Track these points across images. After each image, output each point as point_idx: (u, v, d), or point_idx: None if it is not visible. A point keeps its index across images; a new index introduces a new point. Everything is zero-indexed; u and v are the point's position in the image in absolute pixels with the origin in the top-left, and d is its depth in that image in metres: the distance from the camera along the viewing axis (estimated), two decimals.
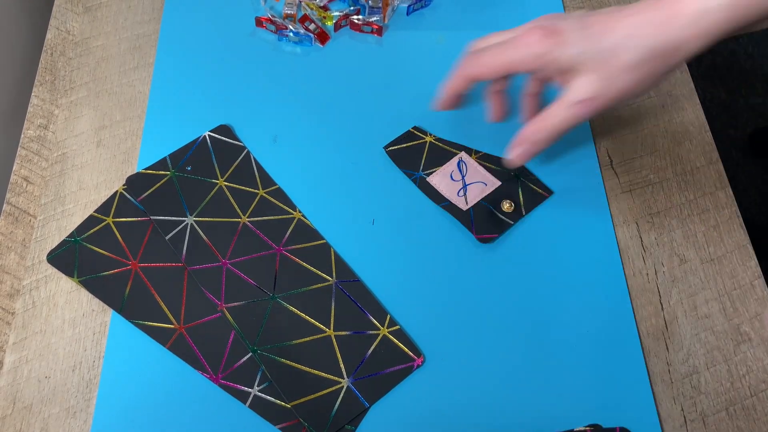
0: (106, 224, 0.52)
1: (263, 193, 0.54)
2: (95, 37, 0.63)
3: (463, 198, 0.53)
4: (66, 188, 0.54)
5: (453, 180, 0.54)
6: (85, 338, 0.48)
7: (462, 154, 0.55)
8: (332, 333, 0.48)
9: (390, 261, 0.51)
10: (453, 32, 0.64)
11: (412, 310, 0.49)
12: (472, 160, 0.55)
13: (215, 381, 0.46)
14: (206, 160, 0.55)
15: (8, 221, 0.53)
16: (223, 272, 0.50)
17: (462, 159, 0.55)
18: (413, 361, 0.47)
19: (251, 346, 0.47)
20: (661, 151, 0.58)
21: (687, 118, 0.60)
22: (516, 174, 0.55)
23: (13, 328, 0.48)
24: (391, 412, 0.46)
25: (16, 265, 0.51)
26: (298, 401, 0.45)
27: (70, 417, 0.45)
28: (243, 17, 0.63)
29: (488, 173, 0.54)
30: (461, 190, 0.53)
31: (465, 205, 0.53)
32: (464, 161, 0.55)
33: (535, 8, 0.65)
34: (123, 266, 0.50)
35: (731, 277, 0.52)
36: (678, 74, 0.63)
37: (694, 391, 0.48)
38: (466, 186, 0.54)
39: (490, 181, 0.54)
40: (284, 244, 0.51)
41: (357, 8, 0.64)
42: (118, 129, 0.57)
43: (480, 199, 0.53)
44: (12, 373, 0.47)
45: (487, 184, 0.54)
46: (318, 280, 0.50)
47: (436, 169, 0.55)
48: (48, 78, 0.60)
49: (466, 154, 0.56)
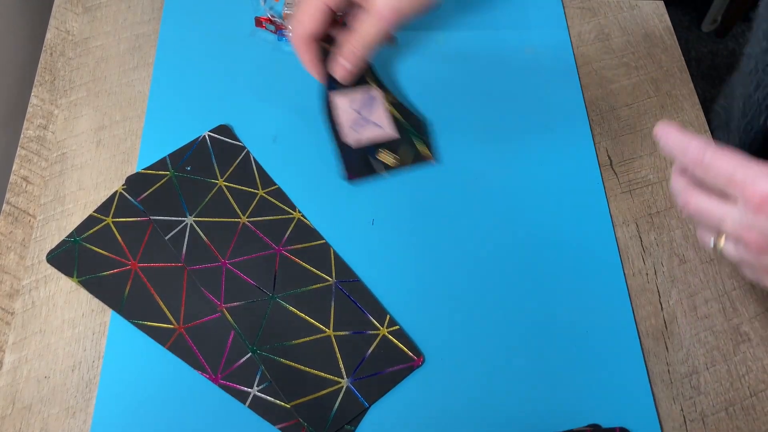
0: (105, 224, 0.52)
1: (263, 193, 0.54)
2: (95, 37, 0.63)
3: (354, 132, 0.52)
4: (66, 188, 0.54)
5: (354, 110, 0.54)
6: (85, 338, 0.48)
7: (376, 92, 0.55)
8: (332, 333, 0.48)
9: (390, 261, 0.51)
10: (453, 32, 0.64)
11: (412, 310, 0.49)
12: (384, 101, 0.55)
13: (215, 381, 0.46)
14: (206, 160, 0.55)
15: (8, 221, 0.53)
16: (222, 272, 0.50)
17: (374, 95, 0.55)
18: (413, 361, 0.47)
19: (251, 346, 0.47)
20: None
21: (687, 118, 0.60)
22: (413, 132, 0.54)
23: (13, 328, 0.48)
24: (390, 412, 0.46)
25: (16, 265, 0.51)
26: (297, 401, 0.45)
27: (69, 417, 0.45)
28: (243, 17, 0.63)
29: (390, 121, 0.54)
30: (356, 124, 0.53)
31: (351, 140, 0.52)
32: (375, 98, 0.54)
33: (534, 8, 0.66)
34: (122, 266, 0.50)
35: (731, 277, 0.52)
36: (678, 74, 0.63)
37: (693, 391, 0.48)
38: (363, 121, 0.53)
39: (387, 128, 0.54)
40: (284, 244, 0.51)
41: None
42: (117, 129, 0.57)
43: (368, 141, 0.53)
44: (11, 373, 0.47)
45: (383, 128, 0.54)
46: (318, 280, 0.50)
47: (346, 90, 0.55)
48: (48, 78, 0.60)
49: (381, 92, 0.55)
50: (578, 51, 0.64)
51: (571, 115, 0.59)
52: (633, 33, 0.66)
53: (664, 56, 0.64)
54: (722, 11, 1.63)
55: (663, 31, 0.66)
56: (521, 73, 0.62)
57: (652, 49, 0.65)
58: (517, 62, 0.62)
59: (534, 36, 0.64)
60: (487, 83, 0.61)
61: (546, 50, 0.63)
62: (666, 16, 0.67)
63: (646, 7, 0.68)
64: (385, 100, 0.54)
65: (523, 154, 0.57)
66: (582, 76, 0.62)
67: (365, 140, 0.53)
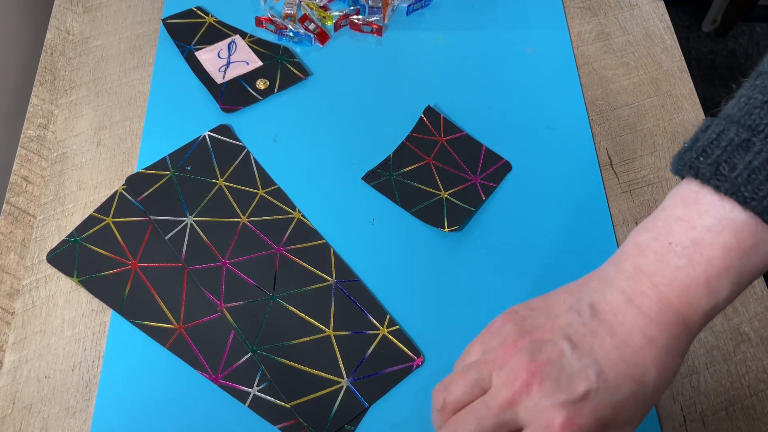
0: (105, 224, 0.52)
1: (263, 193, 0.54)
2: (95, 37, 0.63)
3: (222, 73, 0.57)
4: (66, 188, 0.54)
5: (219, 58, 0.58)
6: (85, 338, 0.48)
7: (236, 37, 0.60)
8: (332, 333, 0.48)
9: (390, 261, 0.51)
10: (453, 32, 0.64)
11: (412, 310, 0.49)
12: (244, 42, 0.59)
13: (215, 381, 0.46)
14: (206, 159, 0.55)
15: (8, 221, 0.53)
16: (222, 272, 0.50)
17: (234, 41, 0.59)
18: (413, 361, 0.47)
19: (251, 346, 0.47)
20: (661, 151, 0.58)
21: (687, 118, 0.60)
22: (279, 57, 0.59)
23: (13, 328, 0.48)
24: (390, 412, 0.46)
25: (16, 265, 0.51)
26: (297, 401, 0.45)
27: (69, 417, 0.45)
28: (243, 17, 0.63)
29: (254, 54, 0.59)
30: (223, 67, 0.57)
31: (221, 80, 0.57)
32: (236, 43, 0.59)
33: (534, 8, 0.66)
34: (123, 266, 0.50)
35: None
36: (678, 74, 0.63)
37: (693, 391, 0.48)
38: (229, 64, 0.58)
39: (253, 61, 0.58)
40: (284, 244, 0.51)
41: (357, 8, 0.64)
42: (117, 129, 0.57)
43: (237, 76, 0.57)
44: (12, 372, 0.47)
45: (249, 63, 0.58)
46: (318, 280, 0.50)
47: (206, 46, 0.59)
48: (48, 78, 0.60)
49: (240, 37, 0.60)
50: (578, 51, 0.64)
51: (571, 115, 0.59)
52: (633, 33, 0.66)
53: (664, 56, 0.64)
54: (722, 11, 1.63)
55: (663, 31, 0.66)
56: (521, 73, 0.62)
57: (652, 49, 0.65)
58: (517, 62, 0.62)
59: (534, 36, 0.64)
60: (487, 83, 0.61)
61: (546, 50, 0.63)
62: (666, 16, 0.67)
63: (646, 7, 0.68)
64: (245, 41, 0.60)
65: (524, 154, 0.57)
66: (582, 76, 0.62)
67: (231, 76, 0.58)
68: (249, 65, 0.59)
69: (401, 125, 0.57)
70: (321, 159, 0.56)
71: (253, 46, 0.60)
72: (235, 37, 0.61)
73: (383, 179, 0.54)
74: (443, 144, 0.56)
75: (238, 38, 0.61)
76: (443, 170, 0.55)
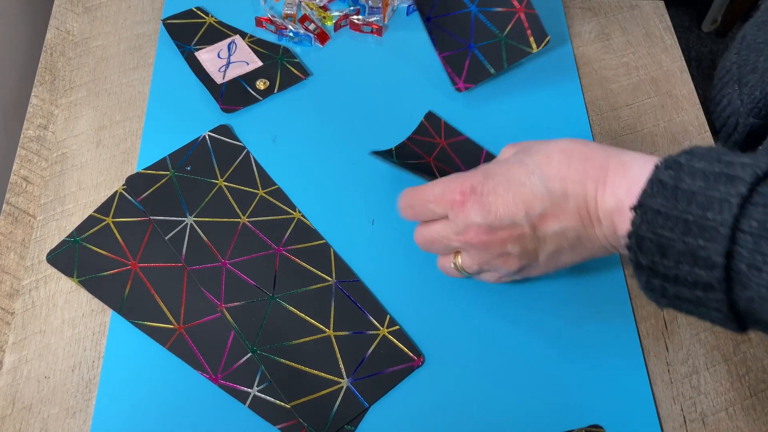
0: (105, 224, 0.52)
1: (263, 193, 0.54)
2: (95, 37, 0.63)
3: (222, 74, 0.57)
4: (66, 188, 0.54)
5: (219, 58, 0.58)
6: (85, 338, 0.48)
7: (236, 37, 0.60)
8: (332, 333, 0.48)
9: (390, 261, 0.51)
10: None
11: (412, 310, 0.49)
12: (244, 42, 0.59)
13: (215, 381, 0.46)
14: (206, 160, 0.55)
15: (8, 221, 0.53)
16: (222, 272, 0.50)
17: (234, 41, 0.59)
18: (413, 361, 0.47)
19: (251, 346, 0.47)
20: (661, 152, 0.58)
21: (687, 118, 0.60)
22: (279, 57, 0.59)
23: (13, 328, 0.48)
24: (390, 413, 0.46)
25: (16, 265, 0.51)
26: (297, 401, 0.45)
27: (69, 417, 0.45)
28: (243, 17, 0.63)
29: (254, 54, 0.59)
30: (223, 67, 0.58)
31: (221, 80, 0.57)
32: (236, 43, 0.59)
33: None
34: (122, 266, 0.50)
35: None
36: (678, 74, 0.63)
37: (693, 391, 0.48)
38: (229, 64, 0.58)
39: (253, 61, 0.58)
40: (284, 244, 0.51)
41: (357, 8, 0.64)
42: (117, 129, 0.57)
43: (237, 76, 0.57)
44: (11, 373, 0.47)
45: (249, 63, 0.58)
46: (318, 280, 0.50)
47: (206, 46, 0.59)
48: (48, 78, 0.60)
49: (240, 37, 0.60)
50: (578, 51, 0.64)
51: (571, 115, 0.59)
52: (633, 33, 0.66)
53: (664, 56, 0.64)
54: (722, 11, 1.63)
55: (663, 31, 0.66)
56: (521, 73, 0.62)
57: (652, 49, 0.65)
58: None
59: None
60: (487, 83, 0.61)
61: (546, 50, 0.63)
62: (666, 16, 0.67)
63: (646, 7, 0.68)
64: (245, 41, 0.60)
65: None
66: (582, 77, 0.62)
67: (231, 76, 0.58)
68: (249, 65, 0.59)
69: (401, 125, 0.57)
70: (321, 159, 0.56)
71: (253, 47, 0.60)
72: (235, 37, 0.61)
73: (387, 160, 0.54)
74: (444, 146, 0.56)
75: (238, 38, 0.61)
76: (443, 171, 0.55)
